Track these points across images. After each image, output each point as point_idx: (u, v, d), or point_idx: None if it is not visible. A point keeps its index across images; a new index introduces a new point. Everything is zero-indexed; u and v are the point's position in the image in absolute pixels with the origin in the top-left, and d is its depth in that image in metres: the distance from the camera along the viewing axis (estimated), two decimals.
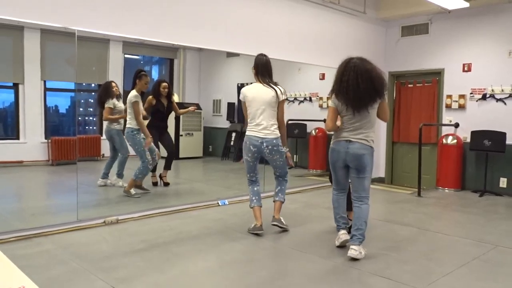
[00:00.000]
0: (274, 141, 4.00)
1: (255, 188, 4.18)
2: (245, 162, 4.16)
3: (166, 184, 6.06)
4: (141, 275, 3.07)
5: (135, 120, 5.33)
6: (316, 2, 6.23)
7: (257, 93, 4.03)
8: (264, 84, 4.05)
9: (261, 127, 4.00)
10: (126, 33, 4.72)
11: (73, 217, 4.26)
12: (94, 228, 4.21)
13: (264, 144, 3.99)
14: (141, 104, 5.43)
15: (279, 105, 4.04)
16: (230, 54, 8.88)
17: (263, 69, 4.12)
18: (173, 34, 4.92)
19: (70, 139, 8.24)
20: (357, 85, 3.32)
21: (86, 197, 5.39)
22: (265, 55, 4.21)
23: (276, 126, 4.05)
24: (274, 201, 4.25)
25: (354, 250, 3.44)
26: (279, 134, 4.06)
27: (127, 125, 5.45)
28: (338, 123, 3.57)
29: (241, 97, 4.16)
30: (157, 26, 4.75)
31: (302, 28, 6.22)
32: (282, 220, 4.22)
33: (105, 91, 6.00)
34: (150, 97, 5.91)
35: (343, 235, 3.71)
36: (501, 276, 3.22)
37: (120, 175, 5.98)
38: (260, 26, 5.70)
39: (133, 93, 5.40)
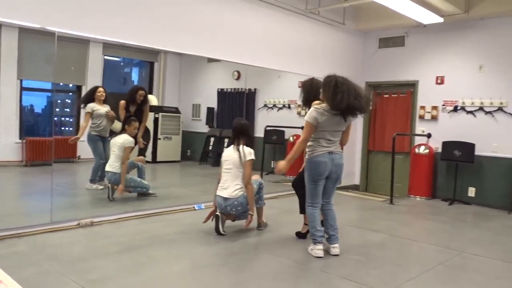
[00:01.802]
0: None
1: None
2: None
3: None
4: (114, 278, 3.09)
5: (121, 164, 5.36)
6: (296, 11, 6.36)
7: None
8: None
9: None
10: (107, 36, 4.73)
11: (47, 218, 4.23)
12: (68, 230, 4.20)
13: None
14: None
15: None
16: (210, 60, 8.93)
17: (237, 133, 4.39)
18: (154, 39, 4.96)
19: (46, 140, 8.13)
20: (354, 96, 3.53)
21: (60, 199, 5.35)
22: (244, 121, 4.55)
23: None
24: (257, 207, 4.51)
25: (337, 248, 3.76)
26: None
27: (111, 170, 5.44)
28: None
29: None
30: (139, 30, 4.77)
31: (282, 36, 6.34)
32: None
33: (87, 95, 6.00)
34: (122, 102, 5.95)
35: (319, 251, 3.72)
36: (463, 281, 3.37)
37: (93, 180, 5.95)
38: (241, 33, 5.79)
39: (129, 138, 5.44)
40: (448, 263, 3.76)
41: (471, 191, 6.62)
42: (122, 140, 5.42)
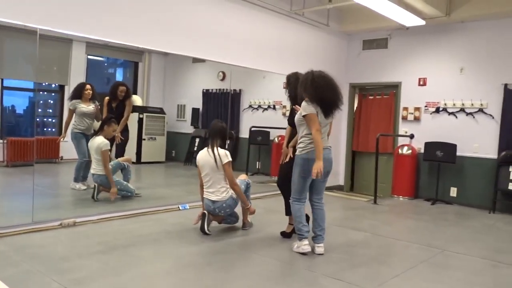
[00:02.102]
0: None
1: None
2: None
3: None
4: (97, 277, 3.05)
5: (104, 168, 5.28)
6: (281, 12, 6.39)
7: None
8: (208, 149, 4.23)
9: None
10: (90, 34, 4.67)
11: (28, 219, 4.16)
12: (50, 230, 4.13)
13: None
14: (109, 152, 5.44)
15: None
16: (195, 60, 8.91)
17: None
18: (139, 37, 4.93)
19: (27, 140, 7.98)
20: (331, 89, 3.59)
21: (42, 199, 5.25)
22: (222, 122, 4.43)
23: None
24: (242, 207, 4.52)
25: (322, 248, 3.79)
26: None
27: (96, 172, 5.37)
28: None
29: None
30: (123, 29, 4.74)
31: (266, 37, 6.36)
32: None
33: (73, 92, 5.94)
34: (106, 98, 5.97)
35: (306, 246, 3.74)
36: (446, 278, 3.42)
37: (76, 179, 5.88)
38: (226, 33, 5.79)
39: (104, 140, 5.35)
40: (431, 260, 3.82)
41: (453, 191, 6.73)
42: (97, 143, 5.34)
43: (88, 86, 5.99)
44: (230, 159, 4.19)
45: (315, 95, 3.58)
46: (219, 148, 4.22)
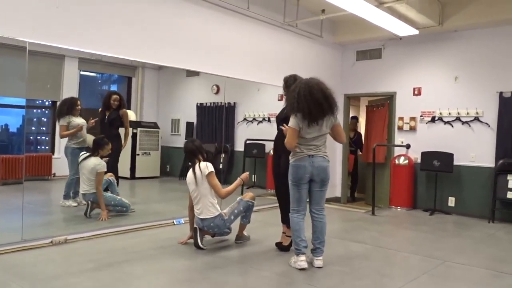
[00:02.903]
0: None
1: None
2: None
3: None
4: None
5: (95, 189, 5.15)
6: (275, 24, 6.38)
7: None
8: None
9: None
10: (82, 48, 4.60)
11: (17, 237, 4.03)
12: (41, 248, 4.00)
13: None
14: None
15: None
16: (189, 74, 8.88)
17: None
18: (132, 50, 4.87)
19: (19, 157, 7.86)
20: (310, 97, 3.48)
21: (33, 217, 5.13)
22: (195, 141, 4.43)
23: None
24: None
25: (321, 261, 3.69)
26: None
27: (86, 192, 5.25)
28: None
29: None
30: (115, 42, 4.68)
31: (261, 49, 6.34)
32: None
33: (66, 107, 5.83)
34: (100, 109, 5.92)
35: (303, 262, 3.62)
36: None
37: (66, 196, 5.75)
38: (220, 46, 5.75)
39: (101, 162, 5.24)
40: (433, 272, 3.72)
41: (451, 201, 6.66)
42: (93, 164, 5.19)
43: (78, 102, 5.94)
44: (212, 169, 4.14)
45: (294, 106, 3.54)
46: (200, 163, 4.18)
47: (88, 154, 5.30)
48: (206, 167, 4.13)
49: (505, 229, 5.65)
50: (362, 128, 9.13)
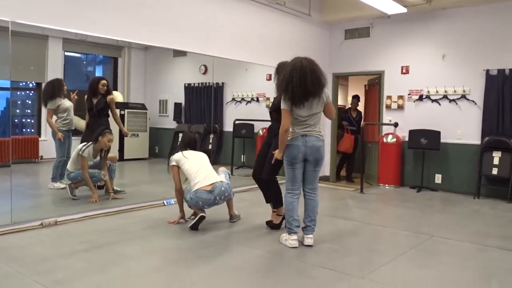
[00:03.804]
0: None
1: None
2: None
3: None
4: (80, 276, 2.94)
5: (82, 174, 5.04)
6: (262, 2, 6.30)
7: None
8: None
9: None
10: (66, 27, 4.49)
11: (7, 219, 4.00)
12: (31, 231, 3.99)
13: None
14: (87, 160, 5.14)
15: None
16: (176, 54, 8.76)
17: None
18: (117, 30, 4.77)
19: (4, 140, 7.74)
20: (304, 78, 3.47)
21: (22, 199, 5.10)
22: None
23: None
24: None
25: (311, 239, 3.72)
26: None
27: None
28: None
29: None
30: (99, 21, 4.58)
31: (248, 28, 6.27)
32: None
33: (55, 89, 5.72)
34: (86, 96, 5.72)
35: (294, 241, 3.66)
36: (435, 263, 3.41)
37: (54, 178, 5.70)
38: (207, 25, 5.68)
39: (89, 149, 5.09)
40: (420, 247, 3.80)
41: (438, 178, 6.77)
42: (86, 150, 5.08)
43: (63, 82, 5.84)
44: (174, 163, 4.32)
45: (283, 88, 3.54)
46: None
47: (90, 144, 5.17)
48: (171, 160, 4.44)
49: (489, 205, 5.78)
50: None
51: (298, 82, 3.45)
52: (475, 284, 3.01)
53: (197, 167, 4.20)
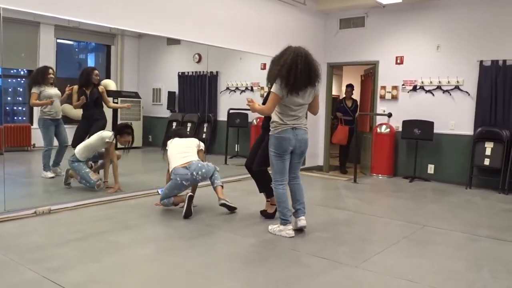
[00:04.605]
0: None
1: None
2: None
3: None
4: (75, 265, 2.94)
5: (111, 161, 5.10)
6: None
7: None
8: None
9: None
10: (57, 14, 4.43)
11: (0, 208, 3.99)
12: (24, 219, 3.98)
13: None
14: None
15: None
16: (170, 42, 8.69)
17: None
18: (111, 18, 4.72)
19: None
20: (308, 65, 3.50)
21: (15, 187, 5.08)
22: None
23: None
24: (214, 187, 4.37)
25: (304, 220, 3.79)
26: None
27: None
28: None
29: None
30: (93, 8, 4.53)
31: (243, 17, 6.22)
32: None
33: (39, 76, 5.64)
34: (75, 86, 5.63)
35: (291, 230, 3.70)
36: (427, 253, 3.45)
37: (45, 167, 5.66)
38: (201, 13, 5.63)
39: (109, 135, 5.09)
40: (412, 236, 3.84)
41: (430, 168, 6.82)
42: (106, 134, 5.08)
43: (51, 70, 5.72)
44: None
45: (283, 73, 3.50)
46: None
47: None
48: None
49: (481, 195, 5.84)
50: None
51: (303, 68, 3.47)
52: (466, 273, 3.05)
53: (176, 150, 4.41)
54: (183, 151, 4.44)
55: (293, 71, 3.45)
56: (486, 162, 6.13)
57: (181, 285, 2.72)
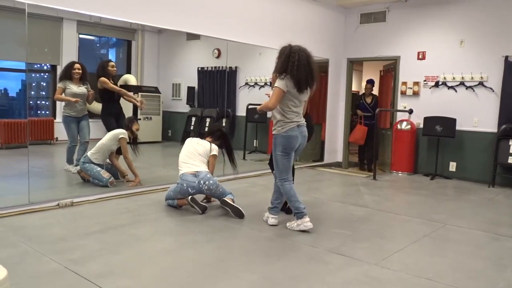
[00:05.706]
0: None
1: None
2: None
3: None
4: (96, 256, 3.00)
5: (124, 158, 5.15)
6: None
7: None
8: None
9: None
10: (80, 9, 4.50)
11: (25, 199, 4.09)
12: (47, 211, 4.07)
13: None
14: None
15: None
16: (190, 37, 8.74)
17: None
18: (131, 13, 4.77)
19: (21, 121, 7.86)
20: (307, 65, 3.59)
21: (38, 180, 5.19)
22: None
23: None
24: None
25: (275, 219, 3.91)
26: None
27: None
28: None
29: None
30: (114, 4, 4.58)
31: (262, 11, 6.20)
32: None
33: (63, 72, 5.73)
34: (103, 79, 5.53)
35: (309, 222, 3.70)
36: (448, 252, 3.39)
37: (69, 161, 5.76)
38: (221, 8, 5.63)
39: (122, 131, 5.18)
40: (433, 234, 3.79)
41: (452, 166, 6.70)
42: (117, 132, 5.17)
43: (77, 65, 5.67)
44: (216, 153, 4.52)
45: (290, 70, 3.56)
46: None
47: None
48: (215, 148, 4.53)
49: (504, 193, 5.72)
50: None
51: (309, 69, 3.61)
52: (487, 272, 3.00)
53: (184, 158, 4.45)
54: (191, 157, 4.44)
55: (303, 68, 3.56)
56: (511, 160, 5.98)
57: (199, 278, 2.75)
